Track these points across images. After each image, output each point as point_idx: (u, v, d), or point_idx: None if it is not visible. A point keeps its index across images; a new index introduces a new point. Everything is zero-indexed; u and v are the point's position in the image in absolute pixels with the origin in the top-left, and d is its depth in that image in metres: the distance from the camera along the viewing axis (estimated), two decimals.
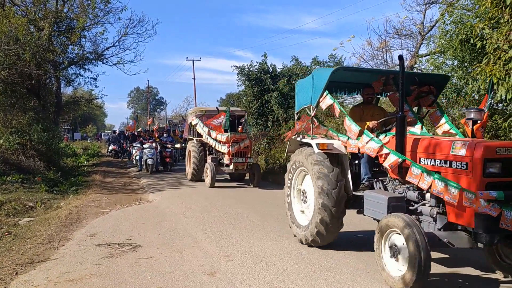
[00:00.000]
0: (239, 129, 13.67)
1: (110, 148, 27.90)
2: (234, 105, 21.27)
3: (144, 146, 17.46)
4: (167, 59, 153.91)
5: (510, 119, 7.28)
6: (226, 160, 12.92)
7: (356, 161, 5.90)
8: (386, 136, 5.26)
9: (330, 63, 17.62)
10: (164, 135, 19.67)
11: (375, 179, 5.57)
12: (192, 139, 14.91)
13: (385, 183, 5.44)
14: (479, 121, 5.17)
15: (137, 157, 18.78)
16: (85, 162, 22.55)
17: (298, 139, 6.56)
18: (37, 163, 14.38)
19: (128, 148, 23.91)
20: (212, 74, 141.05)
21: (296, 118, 6.96)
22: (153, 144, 17.39)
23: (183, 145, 21.97)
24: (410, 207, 4.87)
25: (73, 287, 4.60)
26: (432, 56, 11.23)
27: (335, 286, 4.59)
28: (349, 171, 5.73)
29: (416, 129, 5.52)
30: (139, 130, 26.12)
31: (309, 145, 6.16)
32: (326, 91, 5.79)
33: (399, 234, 4.22)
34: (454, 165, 4.30)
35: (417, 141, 4.92)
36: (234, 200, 10.42)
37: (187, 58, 52.21)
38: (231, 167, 12.84)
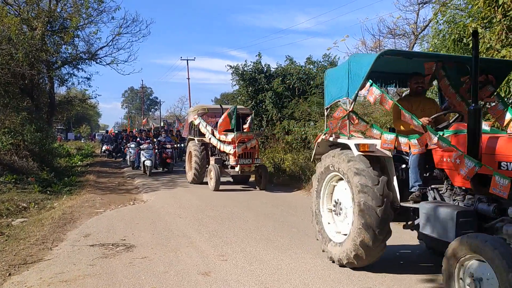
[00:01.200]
0: (246, 128, 12.61)
1: (104, 148, 27.81)
2: (228, 104, 21.22)
3: (142, 147, 17.32)
4: (162, 59, 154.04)
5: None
6: (231, 161, 12.08)
7: (403, 165, 4.94)
8: (443, 135, 4.33)
9: (324, 62, 17.64)
10: (163, 135, 19.33)
11: (428, 187, 4.60)
12: (193, 139, 13.97)
13: (441, 192, 4.49)
14: None
15: (134, 159, 18.70)
16: (78, 162, 22.42)
17: (330, 138, 5.56)
18: (30, 164, 14.27)
19: (123, 149, 23.77)
20: (206, 74, 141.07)
21: (325, 114, 6.03)
22: (150, 145, 17.27)
23: (178, 145, 21.89)
24: (484, 224, 3.91)
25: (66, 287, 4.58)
26: None
27: (330, 285, 4.60)
28: (395, 178, 4.78)
29: (485, 126, 4.48)
30: (133, 130, 26.04)
31: (344, 145, 5.22)
32: (370, 80, 4.81)
33: (483, 262, 3.30)
34: None
35: (493, 140, 3.91)
36: (230, 201, 10.41)
37: (181, 58, 52.07)
38: (237, 169, 12.01)
